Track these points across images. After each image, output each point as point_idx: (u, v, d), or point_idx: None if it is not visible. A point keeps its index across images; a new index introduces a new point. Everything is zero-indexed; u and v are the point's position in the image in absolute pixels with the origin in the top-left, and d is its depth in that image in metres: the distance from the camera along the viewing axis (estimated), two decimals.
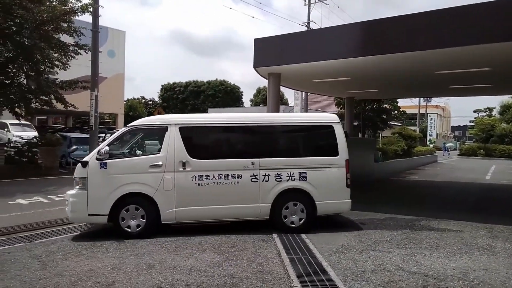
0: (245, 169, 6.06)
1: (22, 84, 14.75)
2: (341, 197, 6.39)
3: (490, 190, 13.18)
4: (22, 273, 4.28)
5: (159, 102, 53.33)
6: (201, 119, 6.62)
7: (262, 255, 5.15)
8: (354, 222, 7.32)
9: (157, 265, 4.60)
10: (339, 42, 8.62)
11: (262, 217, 6.21)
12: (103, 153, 5.73)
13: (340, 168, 6.36)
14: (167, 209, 5.83)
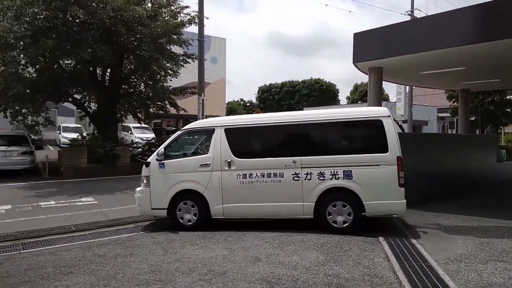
0: (286, 167, 5.99)
1: (142, 92, 16.89)
2: (393, 197, 5.80)
3: None
4: (148, 257, 4.89)
5: (256, 103, 55.38)
6: (243, 120, 6.78)
7: (369, 257, 4.93)
8: (472, 228, 6.51)
9: (263, 259, 4.78)
10: (454, 28, 7.75)
11: (306, 216, 6.05)
12: (160, 154, 6.28)
13: (390, 166, 5.78)
14: (216, 205, 6.13)
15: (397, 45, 8.68)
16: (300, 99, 49.48)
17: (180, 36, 15.58)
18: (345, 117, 6.25)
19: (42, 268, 4.47)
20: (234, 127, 6.44)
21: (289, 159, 5.99)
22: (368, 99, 10.26)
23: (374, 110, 6.39)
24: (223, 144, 6.22)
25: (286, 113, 7.13)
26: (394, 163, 5.78)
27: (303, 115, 6.79)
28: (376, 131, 5.98)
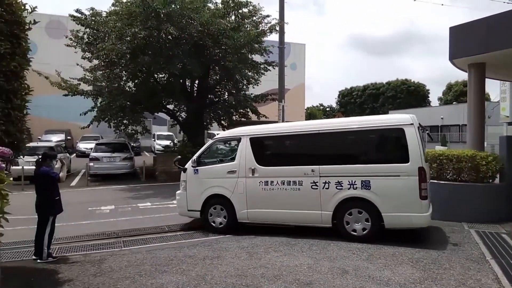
0: (305, 176, 6.03)
1: (226, 100, 17.66)
2: (413, 210, 5.49)
3: None
4: (234, 260, 4.99)
5: (336, 107, 54.01)
6: (267, 130, 7.05)
7: (474, 278, 4.34)
8: None
9: (351, 271, 4.53)
10: None
11: (325, 225, 6.01)
12: (194, 161, 6.77)
13: (410, 176, 5.47)
14: (241, 209, 6.44)
15: (503, 36, 7.62)
16: (385, 102, 46.87)
17: (261, 44, 15.95)
18: (364, 125, 6.12)
19: (140, 265, 4.86)
20: (258, 136, 6.75)
21: (307, 168, 6.04)
22: (468, 99, 9.18)
23: (396, 118, 6.01)
24: (248, 152, 6.53)
25: (306, 122, 7.26)
26: (415, 174, 5.45)
27: (322, 124, 6.82)
28: (397, 140, 5.76)
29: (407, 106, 42.34)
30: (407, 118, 5.82)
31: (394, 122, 5.90)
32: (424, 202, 5.49)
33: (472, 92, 8.98)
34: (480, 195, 7.44)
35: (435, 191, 7.65)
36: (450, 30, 8.72)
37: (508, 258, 5.05)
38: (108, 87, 15.02)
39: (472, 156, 7.44)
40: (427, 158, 7.53)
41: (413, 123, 5.71)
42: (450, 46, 8.69)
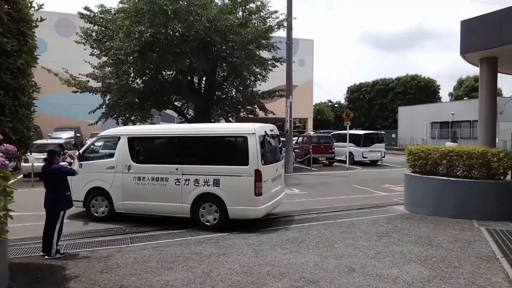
0: (170, 173, 6.82)
1: (233, 97, 17.63)
2: (249, 204, 6.41)
3: None
4: (240, 258, 4.97)
5: (345, 104, 53.59)
6: (142, 130, 8.19)
7: (484, 277, 4.26)
8: None
9: (358, 269, 4.47)
10: None
11: (185, 215, 6.78)
12: (79, 155, 7.23)
13: (249, 177, 6.38)
14: (118, 201, 7.17)
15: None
16: (394, 98, 46.32)
17: (268, 40, 15.87)
18: (217, 132, 7.24)
19: (146, 262, 4.87)
20: (134, 136, 7.53)
21: (172, 167, 6.83)
22: (480, 94, 8.99)
23: (241, 128, 6.99)
24: (125, 150, 7.25)
25: (174, 126, 8.28)
26: (252, 175, 6.35)
27: (185, 129, 8.05)
28: (241, 146, 6.62)
29: (417, 102, 41.78)
30: (250, 128, 6.67)
31: (240, 131, 6.84)
32: (258, 198, 6.38)
33: (483, 87, 8.79)
34: (491, 192, 7.30)
35: (445, 188, 7.55)
36: (462, 24, 8.53)
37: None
38: (117, 84, 15.11)
39: (483, 153, 7.29)
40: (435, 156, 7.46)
41: (255, 133, 6.54)
42: (461, 40, 8.51)
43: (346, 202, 9.16)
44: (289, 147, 16.37)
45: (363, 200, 9.57)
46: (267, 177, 6.66)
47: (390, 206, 8.64)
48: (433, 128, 35.47)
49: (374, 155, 19.52)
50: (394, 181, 12.40)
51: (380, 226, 6.64)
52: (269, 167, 6.83)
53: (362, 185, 12.26)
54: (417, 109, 38.04)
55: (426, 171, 8.07)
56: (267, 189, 6.65)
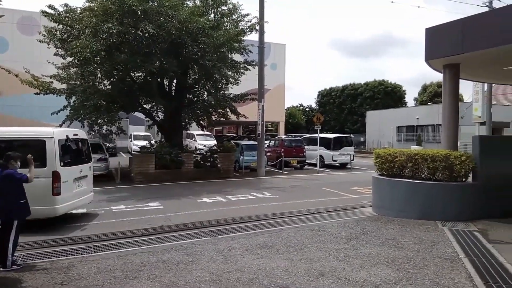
0: None
1: (205, 100, 17.43)
2: (47, 204, 6.63)
3: None
4: (210, 265, 4.86)
5: (316, 108, 54.50)
6: None
7: (448, 277, 4.38)
8: None
9: (328, 273, 4.48)
10: None
11: None
12: None
13: (47, 178, 6.63)
14: None
15: (475, 39, 7.80)
16: (363, 102, 47.60)
17: (240, 43, 15.84)
18: (15, 136, 7.07)
19: (110, 272, 4.65)
20: None
21: None
22: (443, 100, 9.35)
23: (40, 131, 7.13)
24: None
25: None
26: (50, 176, 6.64)
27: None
28: (39, 149, 6.73)
29: (384, 106, 43.17)
30: (49, 132, 6.96)
31: (39, 134, 6.99)
32: (56, 198, 6.68)
33: (446, 93, 9.15)
34: (453, 194, 7.60)
35: (411, 190, 7.78)
36: (426, 31, 8.84)
37: (480, 257, 5.14)
38: (82, 85, 14.54)
39: (446, 156, 7.57)
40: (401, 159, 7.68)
41: (54, 136, 6.84)
42: (426, 47, 8.81)
43: (316, 205, 9.24)
44: (261, 151, 16.38)
45: (333, 202, 9.69)
46: (68, 178, 7.02)
47: (358, 208, 8.79)
48: (400, 132, 36.74)
49: (343, 158, 19.91)
50: (363, 183, 12.67)
51: (349, 229, 6.73)
52: (71, 168, 7.20)
53: (332, 188, 12.44)
54: (384, 114, 39.32)
55: (393, 173, 8.29)
56: (68, 189, 6.99)
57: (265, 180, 14.58)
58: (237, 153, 17.18)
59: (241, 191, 11.46)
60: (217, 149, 16.09)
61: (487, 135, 18.95)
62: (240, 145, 17.93)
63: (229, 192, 11.36)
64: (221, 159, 15.62)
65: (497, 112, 28.17)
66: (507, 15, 7.68)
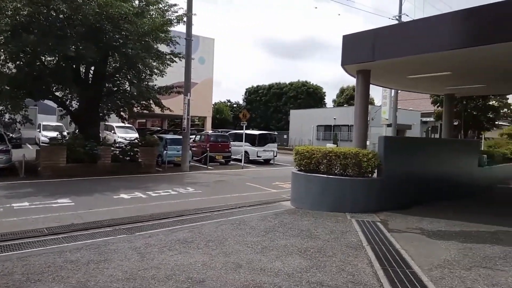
0: None
1: (126, 90, 16.51)
2: None
3: None
4: (124, 263, 4.65)
5: (243, 104, 55.24)
6: None
7: (352, 263, 4.83)
8: (455, 233, 6.49)
9: (245, 265, 4.61)
10: (441, 32, 7.74)
11: None
12: None
13: None
14: None
15: (384, 48, 8.64)
16: (287, 101, 49.64)
17: (167, 34, 15.32)
18: None
19: (8, 275, 4.18)
20: None
21: None
22: (356, 102, 10.19)
23: None
24: None
25: None
26: None
27: None
28: None
29: (307, 106, 45.61)
30: None
31: None
32: None
33: (358, 96, 9.98)
34: (361, 188, 8.35)
35: (325, 184, 8.36)
36: (343, 38, 9.52)
37: (380, 244, 5.74)
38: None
39: (356, 153, 8.29)
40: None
41: None
42: (342, 53, 9.48)
43: (239, 200, 9.41)
44: (186, 145, 16.11)
45: (255, 197, 9.96)
46: None
47: (278, 202, 9.18)
48: (319, 131, 39.20)
49: (267, 154, 20.56)
50: (284, 178, 13.25)
51: (268, 222, 7.00)
52: None
53: (255, 183, 12.78)
54: (306, 113, 41.58)
55: (310, 169, 8.82)
56: None
57: (189, 175, 14.39)
58: (160, 148, 16.64)
59: (163, 187, 11.15)
60: (138, 143, 15.39)
61: (391, 136, 21.10)
62: (164, 139, 17.40)
63: (149, 187, 10.97)
64: (143, 153, 14.99)
65: (401, 115, 31.65)
66: (411, 29, 8.65)
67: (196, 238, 5.79)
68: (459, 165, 11.82)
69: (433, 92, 17.99)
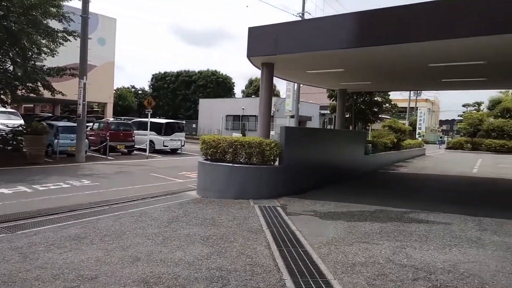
0: None
1: (8, 70, 14.32)
2: None
3: (477, 183, 13.32)
4: (1, 265, 4.11)
5: (149, 91, 52.75)
6: None
7: (252, 247, 5.06)
8: (342, 213, 7.29)
9: (143, 258, 4.48)
10: (333, 32, 8.47)
11: None
12: None
13: None
14: None
15: (286, 43, 9.08)
16: (196, 90, 48.99)
17: (59, 9, 13.67)
18: None
19: None
20: None
21: None
22: (260, 94, 10.57)
23: None
24: None
25: None
26: None
27: None
28: None
29: (216, 96, 45.70)
30: None
31: None
32: None
33: (263, 88, 10.37)
34: (264, 176, 8.75)
35: (230, 173, 8.55)
36: (249, 30, 9.72)
37: (278, 227, 6.12)
38: None
39: (260, 143, 8.64)
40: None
41: None
42: (248, 44, 9.69)
43: (142, 191, 9.03)
44: (81, 134, 14.74)
45: (160, 188, 9.68)
46: None
47: (184, 192, 9.08)
48: (228, 120, 39.70)
49: (174, 143, 20.08)
50: (191, 168, 13.13)
51: (172, 212, 6.88)
52: None
53: (160, 173, 12.39)
54: (215, 102, 41.66)
55: (216, 158, 8.91)
56: None
57: (84, 167, 13.24)
58: (51, 136, 14.93)
59: (53, 179, 10.07)
60: (23, 130, 13.55)
61: (291, 126, 22.46)
62: (54, 127, 15.65)
63: (37, 180, 9.80)
64: (29, 142, 13.27)
65: (303, 108, 33.94)
66: (308, 27, 9.27)
67: (90, 233, 5.40)
68: (349, 153, 13.25)
69: (329, 87, 19.67)
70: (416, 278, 4.14)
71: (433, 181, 13.78)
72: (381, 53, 8.61)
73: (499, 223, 6.88)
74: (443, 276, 4.22)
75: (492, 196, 10.74)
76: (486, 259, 4.86)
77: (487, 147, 35.76)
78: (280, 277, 4.04)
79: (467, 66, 9.40)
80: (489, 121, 39.50)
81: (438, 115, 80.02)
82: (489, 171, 17.58)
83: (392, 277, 4.17)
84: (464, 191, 11.40)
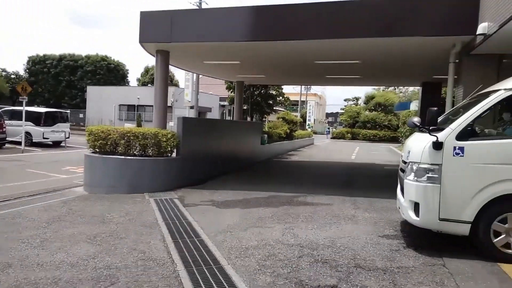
0: None
1: None
2: None
3: (354, 168, 15.22)
4: None
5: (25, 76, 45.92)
6: None
7: (145, 241, 4.89)
8: (239, 201, 7.56)
9: (16, 263, 3.94)
10: (228, 24, 8.59)
11: None
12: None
13: None
14: None
15: (181, 31, 8.87)
16: (84, 76, 44.50)
17: None
18: None
19: None
20: None
21: None
22: (155, 83, 10.13)
23: None
24: None
25: None
26: None
27: None
28: None
29: (107, 83, 42.22)
30: None
31: None
32: None
33: (158, 76, 9.96)
34: (160, 168, 8.49)
35: (122, 166, 8.05)
36: (141, 14, 9.17)
37: (175, 219, 6.03)
38: None
39: (155, 133, 8.33)
40: None
41: None
42: (140, 29, 9.15)
43: (16, 190, 7.89)
44: None
45: (38, 185, 8.59)
46: None
47: (68, 189, 8.24)
48: (121, 110, 37.14)
49: (57, 135, 18.01)
50: (77, 162, 11.96)
51: (53, 211, 6.19)
52: None
53: (39, 169, 10.98)
54: (106, 90, 38.45)
55: (106, 151, 8.28)
56: None
57: None
58: None
59: None
60: None
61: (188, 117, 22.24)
62: None
63: None
64: None
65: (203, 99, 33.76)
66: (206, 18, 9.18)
67: None
68: (246, 143, 13.75)
69: (227, 78, 19.97)
70: (301, 255, 4.56)
71: (319, 167, 15.25)
72: (274, 48, 9.07)
73: (370, 201, 7.99)
74: (323, 251, 4.74)
75: (366, 179, 12.39)
76: (358, 234, 5.60)
77: (363, 136, 41.17)
78: (174, 269, 4.01)
79: (345, 64, 10.60)
80: (365, 114, 45.35)
81: (325, 108, 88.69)
82: (365, 157, 20.23)
83: (280, 256, 4.51)
84: (344, 175, 12.90)
